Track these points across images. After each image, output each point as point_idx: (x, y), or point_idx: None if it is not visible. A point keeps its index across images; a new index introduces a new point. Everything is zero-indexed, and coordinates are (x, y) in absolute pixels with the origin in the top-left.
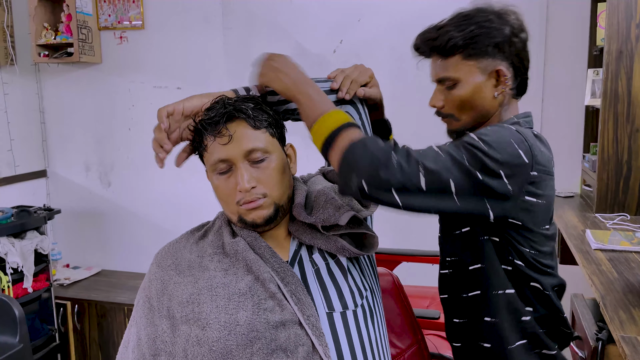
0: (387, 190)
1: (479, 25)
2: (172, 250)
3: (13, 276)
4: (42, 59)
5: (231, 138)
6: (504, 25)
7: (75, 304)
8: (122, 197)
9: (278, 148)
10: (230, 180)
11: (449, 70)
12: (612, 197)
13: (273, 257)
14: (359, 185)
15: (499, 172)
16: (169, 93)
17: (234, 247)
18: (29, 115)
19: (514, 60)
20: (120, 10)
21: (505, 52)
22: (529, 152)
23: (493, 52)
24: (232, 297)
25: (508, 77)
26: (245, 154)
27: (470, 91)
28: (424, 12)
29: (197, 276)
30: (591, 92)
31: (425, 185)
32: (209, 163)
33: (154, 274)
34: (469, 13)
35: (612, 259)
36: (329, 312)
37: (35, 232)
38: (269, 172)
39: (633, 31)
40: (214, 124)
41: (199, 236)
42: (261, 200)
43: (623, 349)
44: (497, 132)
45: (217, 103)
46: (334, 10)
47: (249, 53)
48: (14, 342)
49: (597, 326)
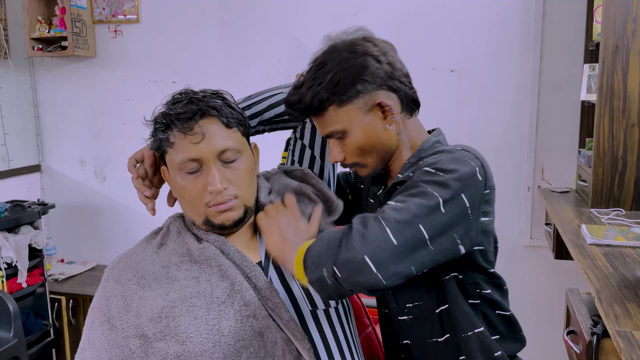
0: (360, 264)
1: (333, 71)
2: (130, 263)
3: (7, 271)
4: (36, 52)
5: (204, 136)
6: (360, 57)
7: (70, 299)
8: (117, 192)
9: (247, 148)
10: (199, 180)
11: (332, 124)
12: (608, 192)
13: (244, 261)
14: (333, 274)
15: (457, 191)
16: (164, 87)
17: (203, 253)
18: (23, 109)
19: (390, 83)
20: (115, 3)
21: (377, 82)
22: (481, 169)
23: (364, 88)
24: (210, 306)
25: (392, 105)
26: (218, 154)
27: (362, 135)
28: (420, 7)
29: (167, 288)
30: (587, 87)
31: (395, 238)
32: (175, 161)
33: (112, 290)
34: (322, 60)
35: (607, 253)
36: (312, 310)
37: (30, 227)
38: (240, 173)
39: (629, 26)
40: (184, 120)
41: (155, 245)
42: (233, 201)
43: (618, 343)
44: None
45: (182, 96)
46: (330, 4)
47: (245, 47)
48: (8, 337)
49: (592, 320)
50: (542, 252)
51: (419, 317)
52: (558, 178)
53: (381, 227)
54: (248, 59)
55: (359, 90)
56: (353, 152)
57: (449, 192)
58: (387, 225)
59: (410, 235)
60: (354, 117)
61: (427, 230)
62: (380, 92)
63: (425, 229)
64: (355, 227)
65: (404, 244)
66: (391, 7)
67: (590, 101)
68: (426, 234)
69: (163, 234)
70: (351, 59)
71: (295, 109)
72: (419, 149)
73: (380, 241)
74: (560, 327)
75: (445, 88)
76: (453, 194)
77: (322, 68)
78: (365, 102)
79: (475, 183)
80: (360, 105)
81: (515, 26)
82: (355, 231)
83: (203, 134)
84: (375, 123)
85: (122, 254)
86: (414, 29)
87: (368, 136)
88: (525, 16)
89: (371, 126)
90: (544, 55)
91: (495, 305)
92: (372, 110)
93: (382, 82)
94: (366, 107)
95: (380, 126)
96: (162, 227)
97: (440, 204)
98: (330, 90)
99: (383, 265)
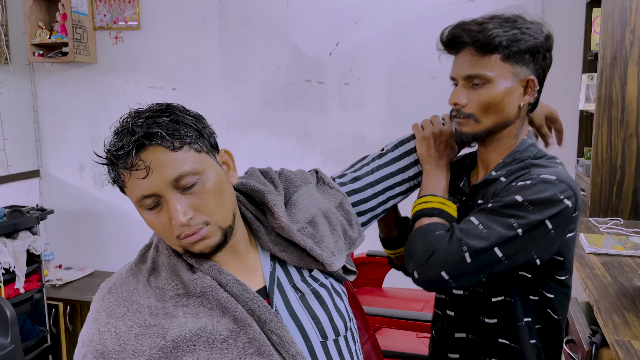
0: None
1: (521, 30)
2: (122, 295)
3: (5, 276)
4: (37, 58)
5: (149, 170)
6: (543, 38)
7: (68, 305)
8: (116, 198)
9: (209, 163)
10: (162, 214)
11: (484, 68)
12: (606, 201)
13: (244, 292)
14: (412, 273)
15: (541, 218)
16: (164, 94)
17: (199, 285)
18: (22, 114)
19: (541, 74)
20: (116, 10)
21: (538, 63)
22: (573, 197)
23: (529, 60)
24: (213, 345)
25: (536, 90)
26: (172, 184)
27: (501, 93)
28: (420, 16)
29: (165, 325)
30: (585, 97)
31: (470, 258)
32: (132, 200)
33: (105, 325)
34: (510, 17)
35: (605, 263)
36: (323, 341)
37: (28, 233)
38: (206, 196)
39: (627, 37)
40: (123, 156)
41: (147, 271)
42: (204, 229)
43: (617, 352)
44: (538, 187)
45: (125, 124)
46: (330, 12)
47: (244, 54)
48: (5, 343)
49: (591, 330)
50: None
51: (474, 298)
52: None
53: (459, 250)
54: (247, 66)
55: (525, 59)
56: (480, 104)
57: (532, 221)
58: (468, 250)
59: (486, 259)
60: (506, 76)
61: (504, 252)
62: (534, 75)
63: (502, 252)
64: (443, 243)
65: (478, 263)
66: (390, 16)
67: (589, 111)
68: (502, 254)
69: (152, 257)
70: (538, 31)
71: (470, 34)
72: (515, 150)
73: (457, 262)
74: None
75: (444, 97)
76: (537, 221)
77: (511, 23)
78: (520, 72)
79: (564, 214)
80: (516, 71)
81: None
82: (443, 248)
83: (148, 167)
84: (515, 92)
85: (110, 281)
86: (412, 37)
87: (502, 98)
88: None
89: (510, 91)
90: None
91: (550, 307)
92: (520, 82)
93: (540, 68)
94: (519, 76)
95: (517, 99)
96: (149, 245)
97: (520, 233)
98: (510, 42)
99: (457, 277)
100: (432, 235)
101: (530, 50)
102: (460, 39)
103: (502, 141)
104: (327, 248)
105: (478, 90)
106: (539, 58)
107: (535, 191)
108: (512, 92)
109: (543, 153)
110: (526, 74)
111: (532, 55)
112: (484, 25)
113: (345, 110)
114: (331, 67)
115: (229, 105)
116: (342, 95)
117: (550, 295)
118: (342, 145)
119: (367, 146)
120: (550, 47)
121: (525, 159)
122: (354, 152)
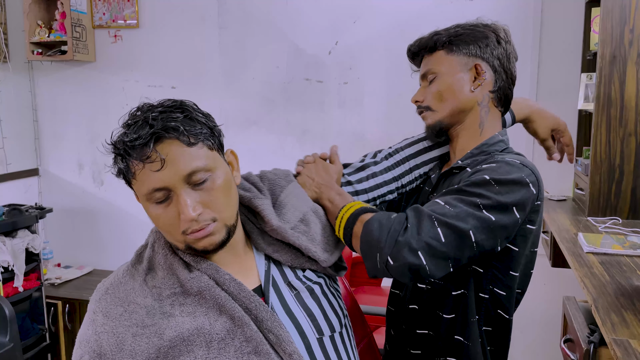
0: (412, 252)
1: (464, 27)
2: (119, 295)
3: (4, 275)
4: (36, 56)
5: (164, 163)
6: (487, 31)
7: (67, 304)
8: (115, 196)
9: (219, 161)
10: (170, 208)
11: (432, 64)
12: (605, 200)
13: (241, 291)
14: (385, 261)
15: (512, 209)
16: (163, 92)
17: (196, 284)
18: (21, 113)
19: (495, 64)
20: (115, 8)
21: (486, 54)
22: (536, 184)
23: (474, 50)
24: (210, 344)
25: (485, 73)
26: (185, 178)
27: (448, 81)
28: (419, 14)
29: (162, 325)
30: (584, 96)
31: (444, 237)
32: (141, 192)
33: (102, 325)
34: (460, 23)
35: (604, 262)
36: (319, 337)
37: (27, 231)
38: (215, 193)
39: (626, 36)
40: (139, 147)
41: (143, 271)
42: (211, 226)
43: (615, 351)
44: (503, 169)
45: (137, 117)
46: (329, 11)
47: (244, 53)
48: (4, 341)
49: (589, 329)
50: (539, 260)
51: (436, 292)
52: (555, 186)
53: (433, 226)
54: (247, 64)
55: (469, 50)
56: (432, 95)
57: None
58: (439, 226)
59: (458, 237)
60: (452, 66)
61: (474, 235)
62: (483, 63)
63: (474, 233)
64: (411, 221)
65: (449, 243)
66: (390, 14)
67: (588, 110)
68: (474, 238)
69: (149, 257)
70: (480, 28)
71: (418, 45)
72: (483, 143)
73: (433, 239)
74: (557, 336)
75: None
76: (503, 203)
77: (457, 27)
78: (467, 63)
79: (528, 198)
80: (462, 62)
81: (513, 35)
82: (412, 226)
83: (163, 160)
84: (464, 80)
85: (107, 282)
86: (412, 36)
87: (453, 86)
88: (523, 25)
89: (459, 81)
90: (541, 64)
91: (501, 306)
92: (468, 71)
93: (490, 58)
94: (466, 66)
95: (467, 85)
96: (145, 245)
97: (485, 213)
98: (449, 38)
99: (433, 263)
100: (387, 220)
101: (473, 41)
102: (416, 50)
103: (467, 130)
104: (320, 245)
105: (431, 85)
106: (485, 48)
107: (501, 172)
108: (460, 79)
109: (512, 150)
110: (472, 63)
111: (477, 45)
112: (434, 32)
113: (345, 109)
114: (330, 66)
115: (228, 104)
116: (341, 94)
117: (502, 293)
118: (341, 144)
119: (366, 145)
120: (502, 37)
121: (493, 152)
122: (353, 151)
